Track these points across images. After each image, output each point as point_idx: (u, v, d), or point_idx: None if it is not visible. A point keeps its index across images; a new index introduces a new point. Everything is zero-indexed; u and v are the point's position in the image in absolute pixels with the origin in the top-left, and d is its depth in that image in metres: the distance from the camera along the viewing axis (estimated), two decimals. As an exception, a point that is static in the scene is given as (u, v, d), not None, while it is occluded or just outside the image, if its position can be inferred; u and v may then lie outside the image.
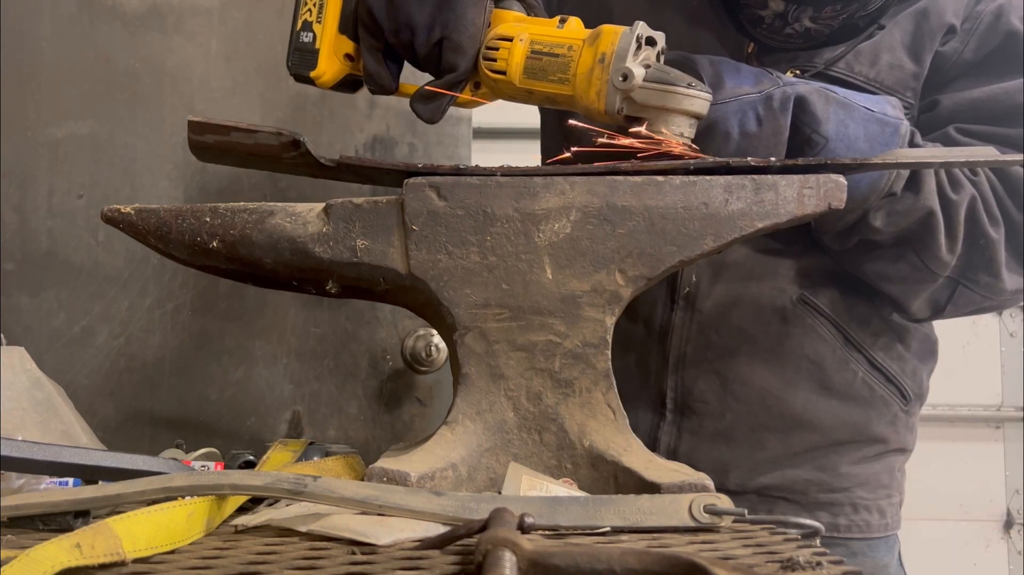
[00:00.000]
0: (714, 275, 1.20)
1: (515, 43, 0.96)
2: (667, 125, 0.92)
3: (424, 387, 1.56)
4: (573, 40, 0.95)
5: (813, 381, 1.21)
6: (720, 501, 0.75)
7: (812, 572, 0.61)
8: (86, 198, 1.47)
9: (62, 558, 0.56)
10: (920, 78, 1.17)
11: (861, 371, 1.21)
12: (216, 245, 0.90)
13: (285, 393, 1.52)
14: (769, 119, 1.01)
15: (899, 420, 1.26)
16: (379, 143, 1.56)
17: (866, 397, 1.23)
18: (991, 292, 1.14)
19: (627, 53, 0.91)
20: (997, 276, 1.12)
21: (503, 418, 0.88)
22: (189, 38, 1.52)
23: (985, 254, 1.11)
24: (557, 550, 0.57)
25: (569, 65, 0.94)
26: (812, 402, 1.21)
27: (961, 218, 1.10)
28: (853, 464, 1.24)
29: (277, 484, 0.71)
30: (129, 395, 1.47)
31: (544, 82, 0.96)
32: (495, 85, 1.00)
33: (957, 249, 1.11)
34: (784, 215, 0.89)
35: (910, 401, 1.26)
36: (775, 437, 1.21)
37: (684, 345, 1.22)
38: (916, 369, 1.27)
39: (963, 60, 1.17)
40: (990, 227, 1.10)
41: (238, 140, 0.97)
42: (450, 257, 0.87)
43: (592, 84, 0.93)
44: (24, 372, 1.01)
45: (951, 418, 2.83)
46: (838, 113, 1.02)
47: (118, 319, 1.47)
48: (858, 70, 1.15)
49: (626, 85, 0.91)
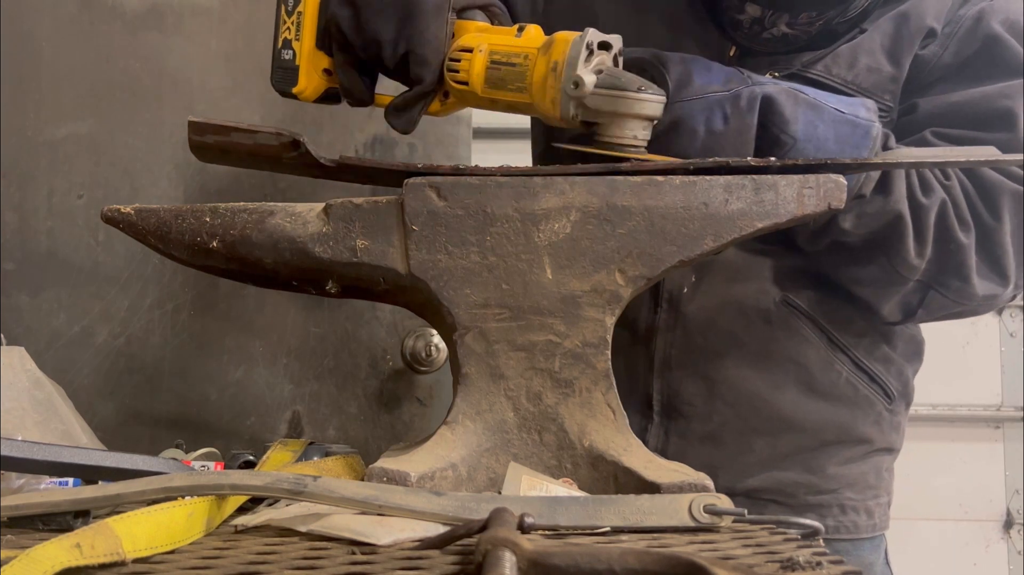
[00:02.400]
0: (698, 278, 1.20)
1: (475, 54, 0.98)
2: (620, 129, 0.93)
3: (424, 387, 1.56)
4: (528, 49, 0.96)
5: (799, 383, 1.21)
6: (720, 501, 0.75)
7: (812, 572, 0.61)
8: (86, 198, 1.47)
9: (62, 558, 0.56)
10: (899, 81, 1.16)
11: (845, 371, 1.22)
12: (216, 245, 0.90)
13: (285, 393, 1.52)
14: (736, 118, 1.00)
15: (884, 419, 1.26)
16: (379, 143, 1.56)
17: (851, 397, 1.23)
18: (962, 297, 1.13)
19: (577, 61, 0.92)
20: (967, 281, 1.11)
21: (503, 418, 0.88)
22: (189, 38, 1.52)
23: (955, 259, 1.10)
24: (557, 550, 0.57)
25: (525, 74, 0.96)
26: (799, 404, 1.21)
27: (931, 222, 1.09)
28: (840, 465, 1.24)
29: (277, 484, 0.71)
30: (129, 395, 1.47)
31: (504, 91, 0.97)
32: (461, 95, 1.01)
33: (927, 253, 1.10)
34: (784, 215, 0.89)
35: (894, 400, 1.26)
36: (763, 439, 1.21)
37: (669, 348, 1.21)
38: (901, 369, 1.27)
39: (942, 64, 1.16)
40: (960, 232, 1.09)
41: (238, 140, 0.97)
42: (450, 257, 0.87)
43: (547, 92, 0.94)
44: (24, 372, 1.01)
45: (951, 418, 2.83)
46: (807, 114, 1.01)
47: (118, 319, 1.47)
48: (836, 72, 1.15)
49: (578, 92, 0.92)
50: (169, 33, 1.52)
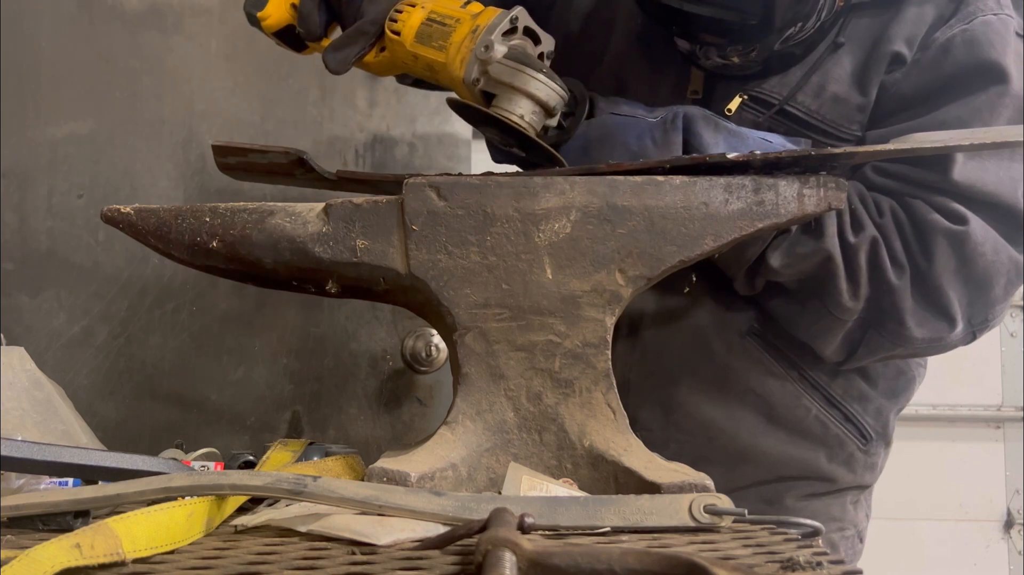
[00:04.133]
0: (658, 302, 1.18)
1: (416, 8, 1.01)
2: (511, 103, 0.95)
3: (424, 387, 1.57)
4: (463, 14, 0.99)
5: (759, 415, 1.18)
6: (720, 501, 0.75)
7: (812, 572, 0.61)
8: (86, 198, 1.47)
9: (62, 558, 0.56)
10: (866, 110, 1.11)
11: (815, 408, 1.18)
12: (216, 245, 0.90)
13: (285, 393, 1.52)
14: (663, 139, 1.01)
15: (856, 460, 1.22)
16: (379, 143, 1.56)
17: (818, 435, 1.19)
18: (898, 339, 1.08)
19: (496, 29, 0.95)
20: (902, 324, 1.06)
21: (503, 418, 0.88)
22: (189, 38, 1.52)
23: (888, 300, 1.06)
24: (557, 550, 0.57)
25: (450, 34, 0.98)
26: (757, 436, 1.18)
27: (862, 262, 1.05)
28: (800, 499, 1.20)
29: (277, 484, 0.71)
30: (129, 395, 1.47)
31: (428, 47, 1.00)
32: (391, 47, 1.03)
33: (861, 293, 1.06)
34: (784, 215, 0.89)
35: (871, 441, 1.22)
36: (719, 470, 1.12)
37: (627, 372, 1.18)
38: (881, 408, 1.22)
39: (900, 93, 1.10)
40: (892, 273, 1.05)
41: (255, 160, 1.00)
42: (450, 257, 0.87)
43: (460, 52, 0.97)
44: (24, 372, 1.01)
45: (951, 418, 2.83)
46: (729, 140, 1.00)
47: (118, 319, 1.47)
48: (801, 99, 1.12)
49: (485, 55, 0.95)
50: (169, 33, 1.52)
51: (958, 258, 1.05)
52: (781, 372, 1.17)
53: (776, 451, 1.18)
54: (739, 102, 1.13)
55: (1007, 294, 1.09)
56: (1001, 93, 1.06)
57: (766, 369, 1.17)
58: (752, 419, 1.18)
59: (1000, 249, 1.06)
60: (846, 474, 1.22)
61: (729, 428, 1.18)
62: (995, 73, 1.07)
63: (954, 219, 1.05)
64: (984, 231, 1.05)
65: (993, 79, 1.07)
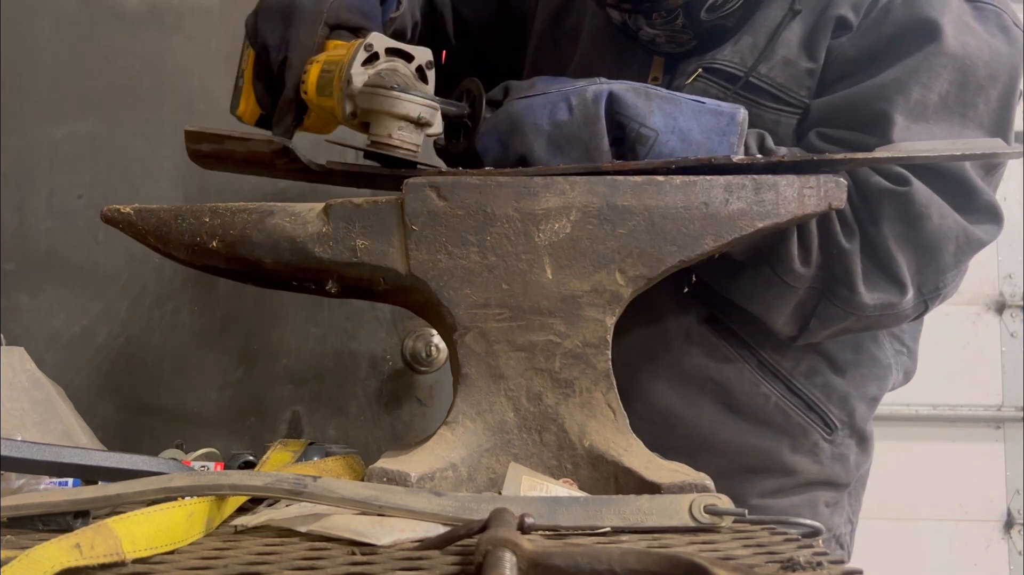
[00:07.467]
0: None
1: (314, 64, 1.03)
2: (378, 126, 0.96)
3: (424, 387, 1.56)
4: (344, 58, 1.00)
5: (719, 403, 1.17)
6: (720, 501, 0.75)
7: (812, 572, 0.61)
8: (86, 198, 1.47)
9: (62, 558, 0.56)
10: (815, 75, 1.11)
11: (775, 396, 1.16)
12: (216, 245, 0.90)
13: (285, 393, 1.52)
14: (580, 107, 0.98)
15: (821, 451, 1.19)
16: (379, 143, 1.56)
17: (780, 423, 1.17)
18: (851, 307, 1.07)
19: (355, 60, 0.96)
20: (854, 289, 1.05)
21: (503, 418, 0.88)
22: (189, 38, 1.52)
23: (840, 265, 1.05)
24: (557, 550, 0.57)
25: (332, 80, 1.00)
26: (717, 424, 1.16)
27: (812, 227, 1.04)
28: (764, 496, 1.18)
29: (277, 484, 0.71)
30: (129, 395, 1.47)
31: (325, 97, 1.01)
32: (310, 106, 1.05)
33: (813, 259, 1.05)
34: (785, 215, 0.89)
35: (835, 430, 1.19)
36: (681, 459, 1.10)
37: None
38: (847, 397, 1.20)
39: (845, 57, 1.10)
40: (843, 237, 1.04)
41: (232, 148, 0.98)
42: (450, 257, 0.87)
43: (335, 92, 0.98)
44: (24, 372, 1.01)
45: (951, 418, 2.83)
46: (663, 107, 0.99)
47: (118, 319, 1.47)
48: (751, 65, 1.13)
49: (349, 89, 0.96)
50: (169, 33, 1.52)
51: (903, 221, 1.04)
52: (737, 359, 1.16)
53: (738, 440, 1.17)
54: (696, 75, 1.14)
55: (957, 261, 1.09)
56: (934, 52, 1.05)
57: (723, 355, 1.16)
58: (711, 407, 1.17)
59: (946, 215, 1.05)
60: (810, 465, 1.20)
61: (689, 416, 1.17)
62: (928, 30, 1.06)
63: (895, 180, 1.04)
64: (928, 195, 1.04)
65: (927, 38, 1.06)
